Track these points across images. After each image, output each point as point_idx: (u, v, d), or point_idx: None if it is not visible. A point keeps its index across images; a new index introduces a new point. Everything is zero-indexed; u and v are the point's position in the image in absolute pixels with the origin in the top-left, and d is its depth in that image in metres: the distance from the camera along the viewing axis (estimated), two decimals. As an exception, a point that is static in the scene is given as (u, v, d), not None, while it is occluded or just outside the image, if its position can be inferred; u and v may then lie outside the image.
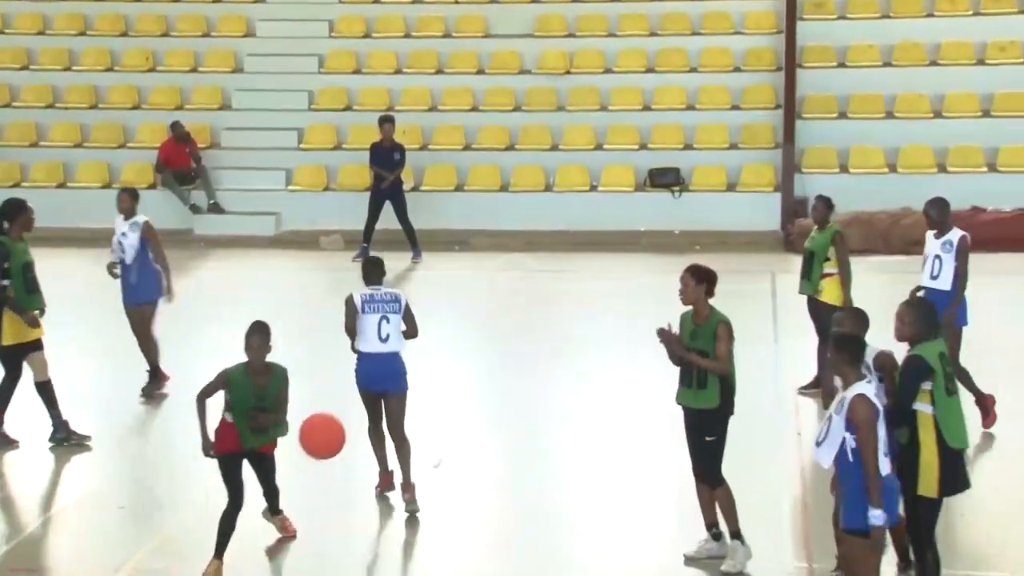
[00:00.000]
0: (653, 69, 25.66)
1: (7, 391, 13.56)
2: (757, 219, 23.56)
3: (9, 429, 13.66)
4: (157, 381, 15.20)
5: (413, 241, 22.24)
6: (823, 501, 10.41)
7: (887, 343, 9.47)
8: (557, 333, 17.78)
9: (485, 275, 21.35)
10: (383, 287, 11.85)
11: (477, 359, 17.20)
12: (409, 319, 11.82)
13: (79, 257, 20.97)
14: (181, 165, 24.56)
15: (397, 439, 11.84)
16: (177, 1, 27.35)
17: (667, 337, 10.36)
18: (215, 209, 24.56)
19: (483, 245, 23.34)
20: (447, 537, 11.44)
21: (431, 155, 24.91)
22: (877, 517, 8.58)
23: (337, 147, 25.32)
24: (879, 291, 16.08)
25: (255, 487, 10.86)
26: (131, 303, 15.21)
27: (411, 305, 11.85)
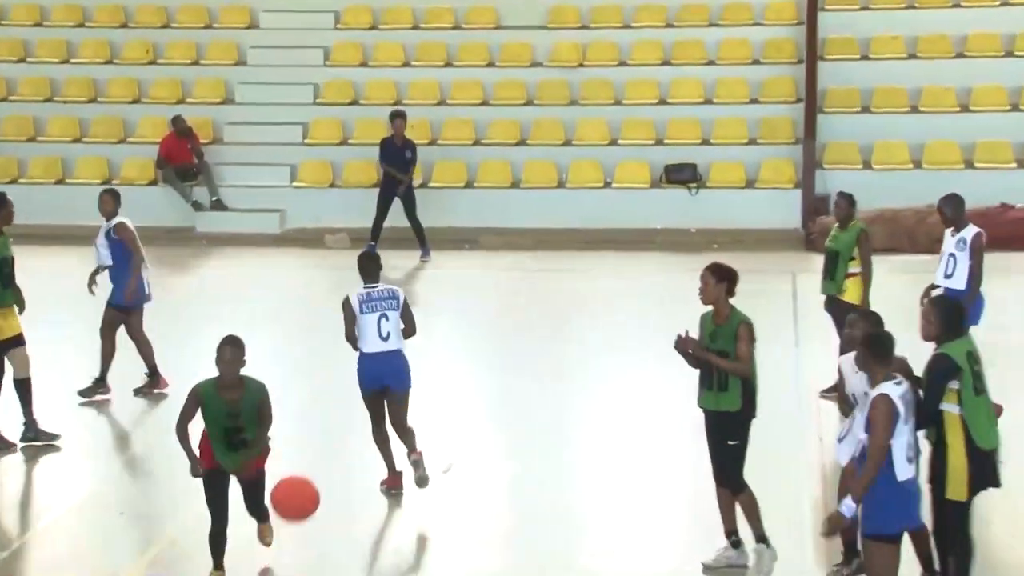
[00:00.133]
0: (669, 62, 25.47)
1: (-9, 389, 13.53)
2: (777, 217, 23.39)
3: (6, 431, 13.64)
4: (155, 382, 15.15)
5: (422, 239, 22.09)
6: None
7: (911, 344, 9.46)
8: (569, 333, 17.66)
9: (494, 274, 21.35)
10: (380, 283, 11.92)
11: (486, 359, 17.11)
12: (408, 317, 11.91)
13: (77, 255, 20.80)
14: (183, 161, 24.40)
15: (400, 431, 11.93)
16: (178, -8, 27.35)
17: (684, 344, 10.28)
18: (217, 206, 24.42)
19: (493, 243, 23.18)
20: (452, 537, 11.45)
21: (440, 150, 24.75)
22: (849, 508, 8.71)
23: (343, 142, 25.16)
24: (902, 291, 15.91)
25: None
26: (115, 303, 15.12)
27: (417, 303, 12.02)
